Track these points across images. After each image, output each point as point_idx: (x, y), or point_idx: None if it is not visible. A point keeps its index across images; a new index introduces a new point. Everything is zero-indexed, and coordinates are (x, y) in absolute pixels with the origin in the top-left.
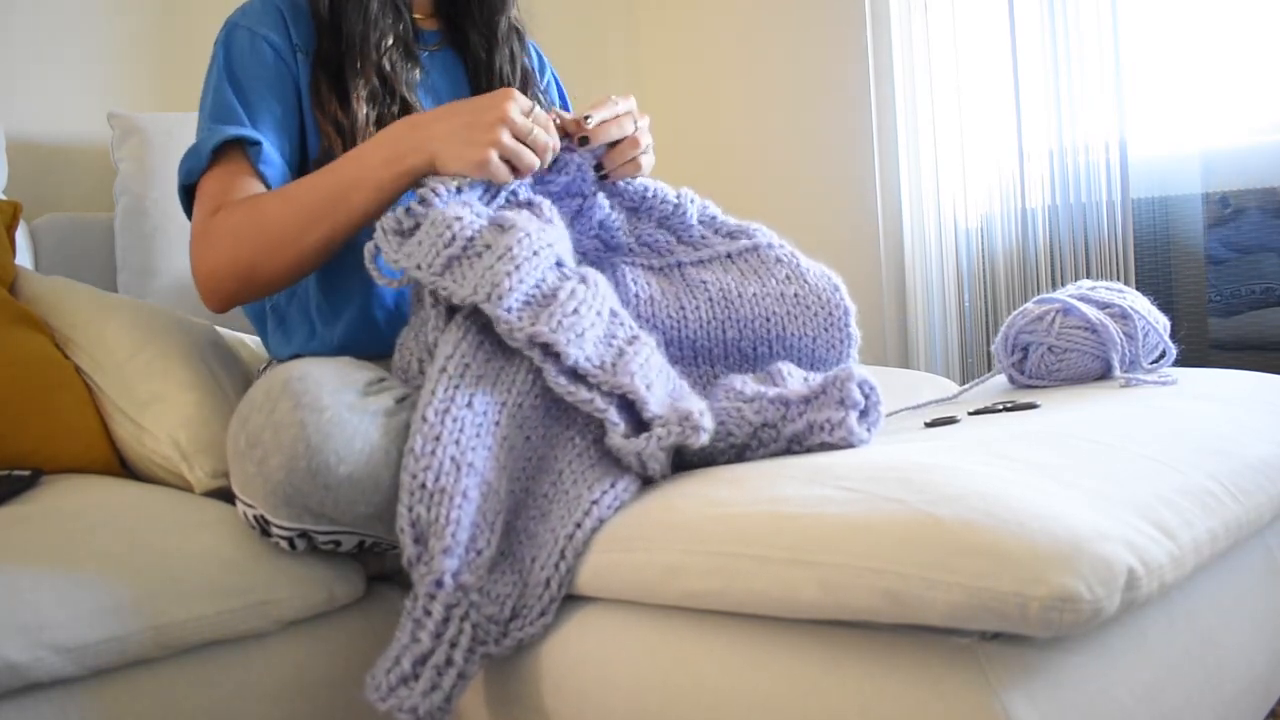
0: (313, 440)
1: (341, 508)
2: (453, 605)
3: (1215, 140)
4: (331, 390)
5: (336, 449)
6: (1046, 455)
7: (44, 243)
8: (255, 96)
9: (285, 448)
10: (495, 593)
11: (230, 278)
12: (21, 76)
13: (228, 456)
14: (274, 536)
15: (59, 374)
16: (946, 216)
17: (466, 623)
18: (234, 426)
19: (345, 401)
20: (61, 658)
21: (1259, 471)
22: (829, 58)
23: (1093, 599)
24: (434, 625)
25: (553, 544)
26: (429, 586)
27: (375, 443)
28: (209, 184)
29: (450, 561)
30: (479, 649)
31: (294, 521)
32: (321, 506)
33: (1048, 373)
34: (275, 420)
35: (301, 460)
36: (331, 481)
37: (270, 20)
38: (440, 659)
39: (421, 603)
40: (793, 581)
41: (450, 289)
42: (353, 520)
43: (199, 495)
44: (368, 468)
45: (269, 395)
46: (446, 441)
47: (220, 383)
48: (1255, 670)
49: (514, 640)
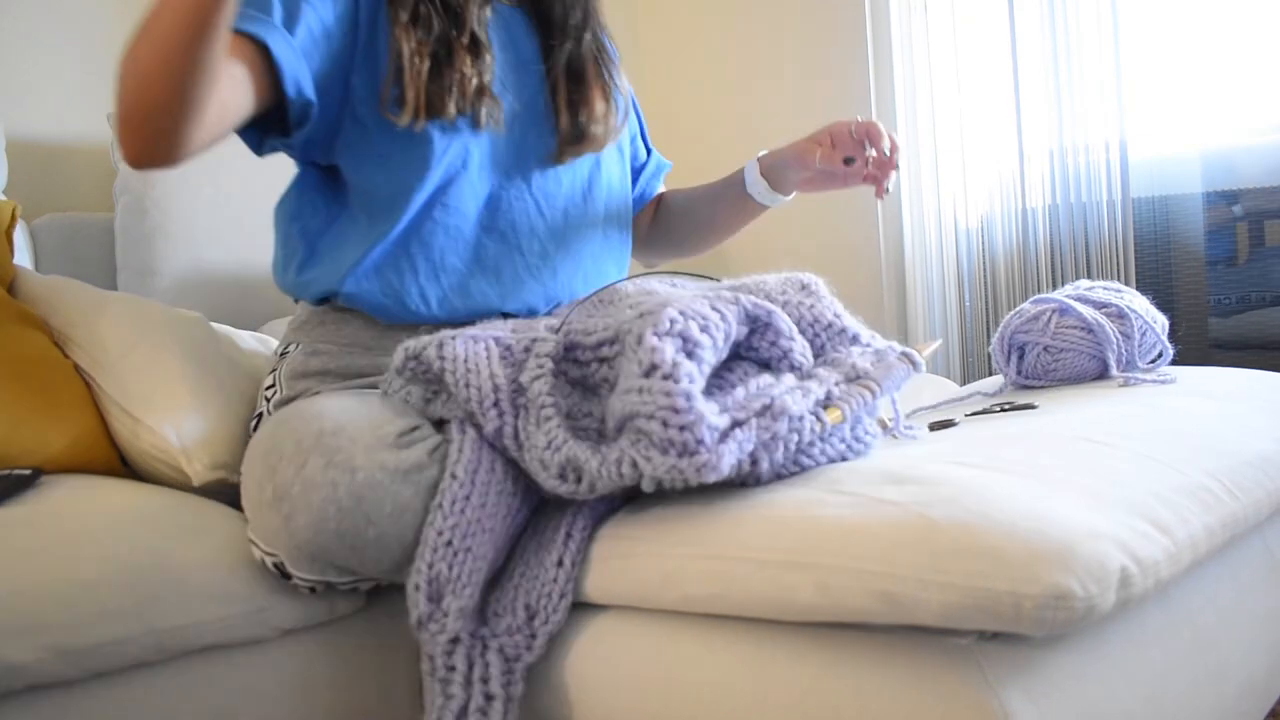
0: (344, 504)
1: (367, 565)
2: (471, 650)
3: (1215, 140)
4: (365, 448)
5: (367, 512)
6: (1043, 456)
7: (44, 243)
8: (307, 7)
9: (315, 508)
10: (503, 606)
11: (146, 123)
12: (21, 76)
13: (247, 500)
14: (294, 581)
15: (59, 373)
16: (946, 216)
17: (490, 653)
18: (259, 472)
19: (378, 461)
20: (61, 660)
21: (1257, 468)
22: (829, 58)
23: (1086, 597)
24: (461, 677)
25: (557, 525)
26: (444, 645)
27: (405, 504)
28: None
29: (463, 621)
30: (516, 667)
31: (316, 575)
32: (347, 563)
33: (1044, 372)
34: (305, 477)
35: (331, 523)
36: (359, 544)
37: None
38: (479, 701)
39: (441, 661)
40: (790, 584)
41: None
42: (376, 573)
43: (201, 500)
44: (395, 529)
45: (299, 448)
46: (475, 503)
47: (215, 375)
48: (1255, 669)
49: (544, 638)
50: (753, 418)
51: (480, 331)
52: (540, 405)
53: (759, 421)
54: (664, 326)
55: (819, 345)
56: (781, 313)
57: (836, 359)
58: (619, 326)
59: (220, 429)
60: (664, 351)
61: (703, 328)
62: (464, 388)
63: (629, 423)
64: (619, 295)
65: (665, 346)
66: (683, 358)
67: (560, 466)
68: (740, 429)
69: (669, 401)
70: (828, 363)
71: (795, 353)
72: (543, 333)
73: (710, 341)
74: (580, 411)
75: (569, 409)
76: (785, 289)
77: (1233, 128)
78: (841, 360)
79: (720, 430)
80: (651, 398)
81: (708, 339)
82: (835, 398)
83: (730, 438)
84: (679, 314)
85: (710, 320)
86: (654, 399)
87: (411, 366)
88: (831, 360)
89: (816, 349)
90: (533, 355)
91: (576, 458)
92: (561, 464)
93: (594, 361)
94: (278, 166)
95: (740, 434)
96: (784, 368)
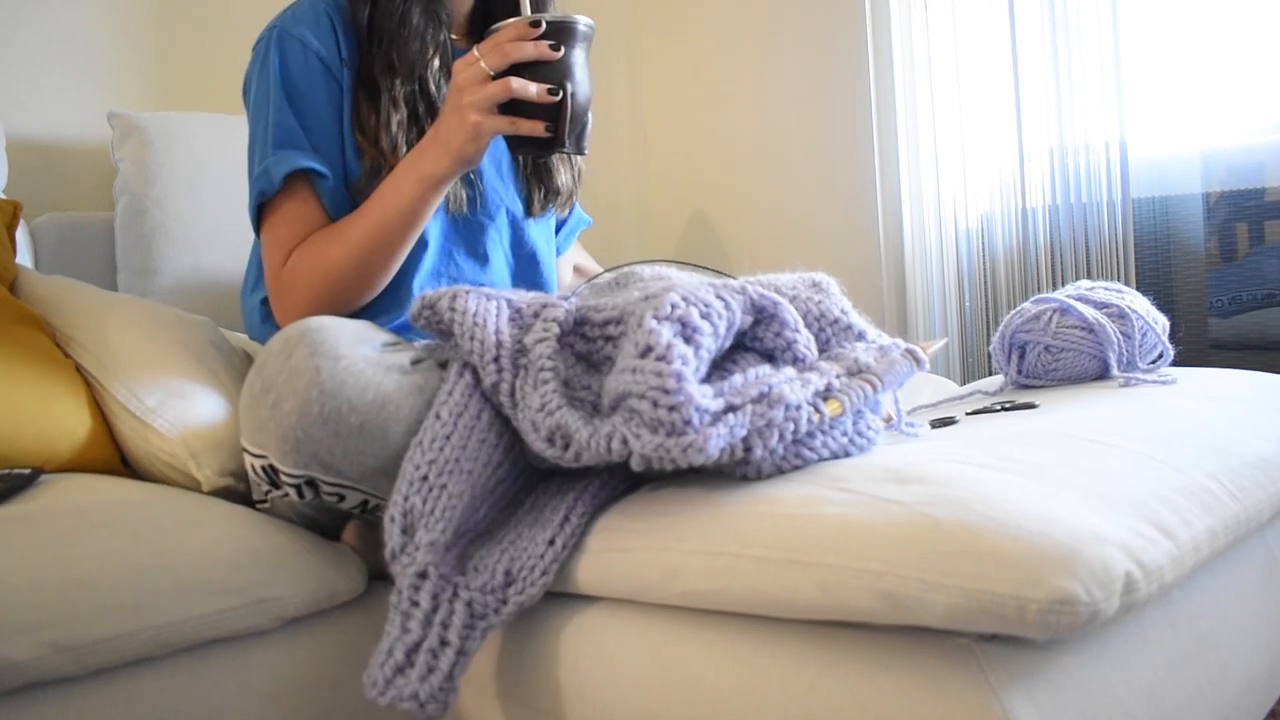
0: (327, 386)
1: (350, 458)
2: (439, 592)
3: (1215, 140)
4: (349, 342)
5: (350, 397)
6: (1045, 455)
7: (44, 242)
8: (313, 120)
9: (299, 392)
10: (484, 564)
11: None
12: (21, 76)
13: (240, 408)
14: (282, 486)
15: (59, 373)
16: (946, 216)
17: (458, 602)
18: (250, 374)
19: (361, 354)
20: (62, 656)
21: (1258, 469)
22: (829, 57)
23: (1090, 602)
24: (422, 614)
25: (556, 507)
26: (412, 579)
27: (388, 395)
28: (278, 224)
29: (434, 555)
30: (479, 624)
31: (302, 469)
32: (330, 455)
33: (1045, 372)
34: (291, 365)
35: (315, 405)
36: (343, 429)
37: (322, 33)
38: (434, 642)
39: (407, 594)
40: (791, 582)
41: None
42: (359, 474)
43: (200, 494)
44: (378, 419)
45: (287, 342)
46: (455, 443)
47: (222, 381)
48: (1255, 670)
49: (514, 606)
50: (748, 404)
51: (495, 291)
52: (540, 368)
53: (754, 408)
54: (665, 310)
55: (824, 340)
56: (788, 305)
57: (839, 353)
58: (625, 307)
59: (229, 435)
60: (661, 334)
61: (704, 314)
62: (469, 339)
63: (622, 401)
64: (633, 278)
65: (663, 329)
66: (679, 341)
67: (550, 430)
68: (734, 414)
69: (660, 382)
70: (831, 356)
71: (799, 345)
72: (555, 301)
73: (710, 328)
74: (580, 383)
75: (569, 378)
76: (795, 285)
77: (1233, 128)
78: (844, 354)
79: (711, 413)
80: (644, 377)
81: (708, 325)
82: (836, 390)
83: (721, 421)
84: (681, 299)
85: (713, 307)
86: (646, 379)
87: (426, 315)
88: (834, 354)
89: (822, 344)
90: (541, 320)
91: (567, 425)
92: (552, 428)
93: (600, 338)
94: None
95: (733, 419)
96: (787, 359)
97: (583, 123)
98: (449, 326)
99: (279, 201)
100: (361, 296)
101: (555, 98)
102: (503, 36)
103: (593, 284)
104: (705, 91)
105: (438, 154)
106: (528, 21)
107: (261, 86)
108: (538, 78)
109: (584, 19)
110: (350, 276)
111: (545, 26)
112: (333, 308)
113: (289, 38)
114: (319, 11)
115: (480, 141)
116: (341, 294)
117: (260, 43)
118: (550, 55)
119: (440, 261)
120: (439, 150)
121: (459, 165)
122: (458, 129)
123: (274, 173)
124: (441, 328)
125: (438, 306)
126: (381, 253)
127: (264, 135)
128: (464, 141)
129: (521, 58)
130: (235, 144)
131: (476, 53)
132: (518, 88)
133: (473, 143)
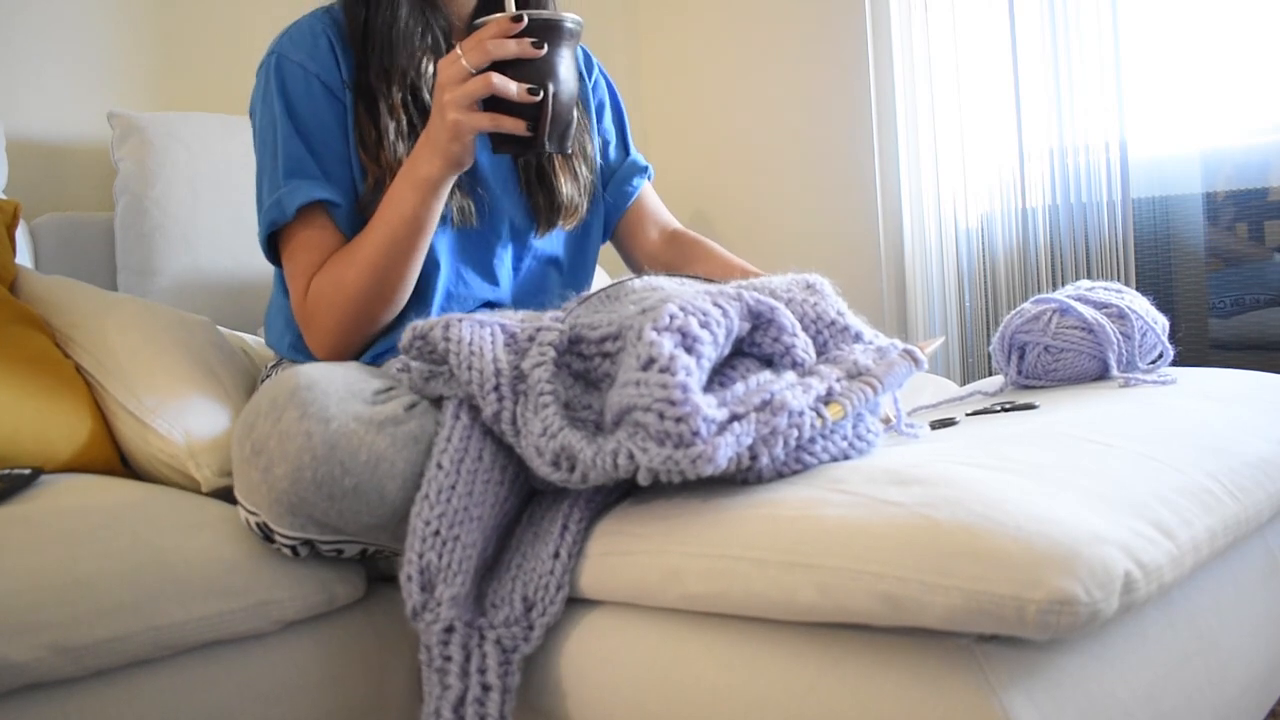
0: (319, 451)
1: (346, 518)
2: (468, 641)
3: (1215, 140)
4: (338, 400)
5: (342, 460)
6: (1045, 456)
7: (44, 242)
8: (321, 145)
9: (291, 458)
10: (500, 597)
11: (345, 346)
12: (21, 76)
13: (232, 462)
14: (277, 543)
15: (60, 373)
16: (946, 216)
17: (487, 644)
18: (239, 432)
19: (352, 412)
20: (61, 657)
21: (1257, 469)
22: (829, 58)
23: (1090, 602)
24: (457, 667)
25: (553, 517)
26: (439, 635)
27: (381, 454)
28: (297, 253)
29: (457, 609)
30: (513, 658)
31: (298, 531)
32: (326, 516)
33: (1044, 372)
34: (281, 429)
35: (307, 471)
36: (337, 493)
37: (320, 54)
38: (476, 691)
39: (437, 651)
40: (791, 584)
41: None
42: (357, 530)
43: (200, 495)
44: (373, 479)
45: (275, 403)
46: (461, 492)
47: (222, 381)
48: (1255, 670)
49: (541, 629)
50: (752, 412)
51: (487, 317)
52: (539, 392)
53: (758, 416)
54: (664, 321)
55: (822, 342)
56: (785, 309)
57: (838, 356)
58: (622, 322)
59: (228, 435)
60: (662, 345)
61: (703, 323)
62: (466, 370)
63: (626, 415)
64: (626, 291)
65: (664, 341)
66: (681, 351)
67: (555, 454)
68: (739, 422)
69: (665, 394)
70: (830, 360)
71: (798, 349)
72: (548, 323)
73: (710, 337)
74: (580, 404)
75: (569, 399)
76: (790, 288)
77: (1233, 128)
78: (843, 357)
79: (717, 423)
80: (648, 390)
81: (708, 334)
82: (836, 394)
83: (728, 431)
84: (679, 309)
85: (711, 316)
86: (650, 391)
87: (418, 346)
88: (833, 357)
89: (819, 346)
90: (536, 344)
91: (571, 446)
92: (556, 451)
93: (597, 356)
94: None
95: (738, 427)
96: (786, 364)
97: (566, 122)
98: (444, 356)
99: (294, 230)
100: (384, 314)
101: (535, 98)
102: (484, 33)
103: (584, 300)
104: (705, 92)
105: (429, 156)
106: (510, 17)
107: (266, 113)
108: (520, 75)
109: (572, 16)
110: (369, 296)
111: (528, 23)
112: (359, 331)
113: (288, 63)
114: (316, 32)
115: (463, 140)
116: (364, 314)
117: (262, 68)
118: (532, 53)
119: (451, 281)
120: (430, 152)
121: (450, 166)
122: (441, 128)
123: (286, 204)
124: (435, 358)
125: (430, 336)
126: (394, 267)
127: (273, 164)
128: (448, 140)
129: (503, 55)
130: (235, 144)
131: (459, 50)
132: (498, 84)
133: (456, 141)
